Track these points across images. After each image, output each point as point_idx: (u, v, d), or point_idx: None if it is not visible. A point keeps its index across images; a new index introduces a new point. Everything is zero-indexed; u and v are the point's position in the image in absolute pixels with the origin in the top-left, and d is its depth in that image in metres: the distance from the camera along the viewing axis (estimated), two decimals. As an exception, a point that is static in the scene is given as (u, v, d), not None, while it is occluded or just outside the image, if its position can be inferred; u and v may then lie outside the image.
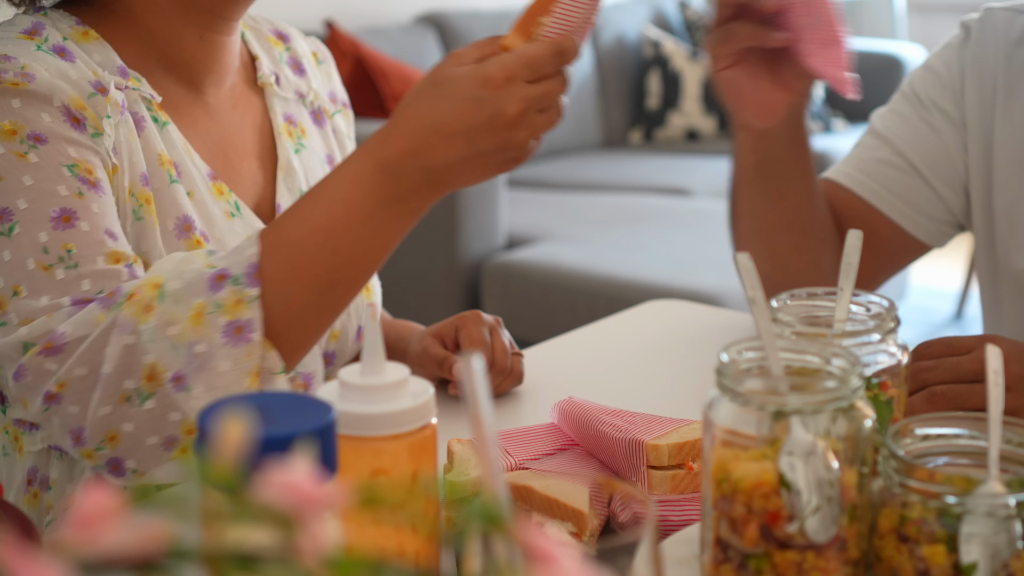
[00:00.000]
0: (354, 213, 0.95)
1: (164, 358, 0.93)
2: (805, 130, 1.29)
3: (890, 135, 1.38)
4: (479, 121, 0.92)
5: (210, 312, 0.93)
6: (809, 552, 0.71)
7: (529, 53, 0.93)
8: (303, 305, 0.96)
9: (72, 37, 1.07)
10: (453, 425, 0.99)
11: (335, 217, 0.95)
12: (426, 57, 3.75)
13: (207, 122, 1.14)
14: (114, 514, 0.40)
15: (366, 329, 0.72)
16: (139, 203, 1.04)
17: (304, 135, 1.22)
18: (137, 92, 1.08)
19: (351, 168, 0.96)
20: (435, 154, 0.93)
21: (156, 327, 0.93)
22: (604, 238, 3.13)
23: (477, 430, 0.57)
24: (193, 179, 1.09)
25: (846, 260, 0.89)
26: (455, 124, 0.92)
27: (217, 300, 0.94)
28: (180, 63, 1.12)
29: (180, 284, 0.94)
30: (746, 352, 0.75)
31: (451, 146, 0.92)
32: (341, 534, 0.55)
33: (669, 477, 0.90)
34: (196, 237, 1.07)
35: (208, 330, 0.93)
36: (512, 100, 0.92)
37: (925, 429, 0.76)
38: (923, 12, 5.34)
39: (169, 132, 1.10)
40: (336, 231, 0.95)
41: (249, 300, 0.94)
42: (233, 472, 0.43)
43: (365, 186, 0.95)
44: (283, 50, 1.25)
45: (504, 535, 0.45)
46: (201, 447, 0.62)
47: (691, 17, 4.66)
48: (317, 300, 0.96)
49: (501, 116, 0.92)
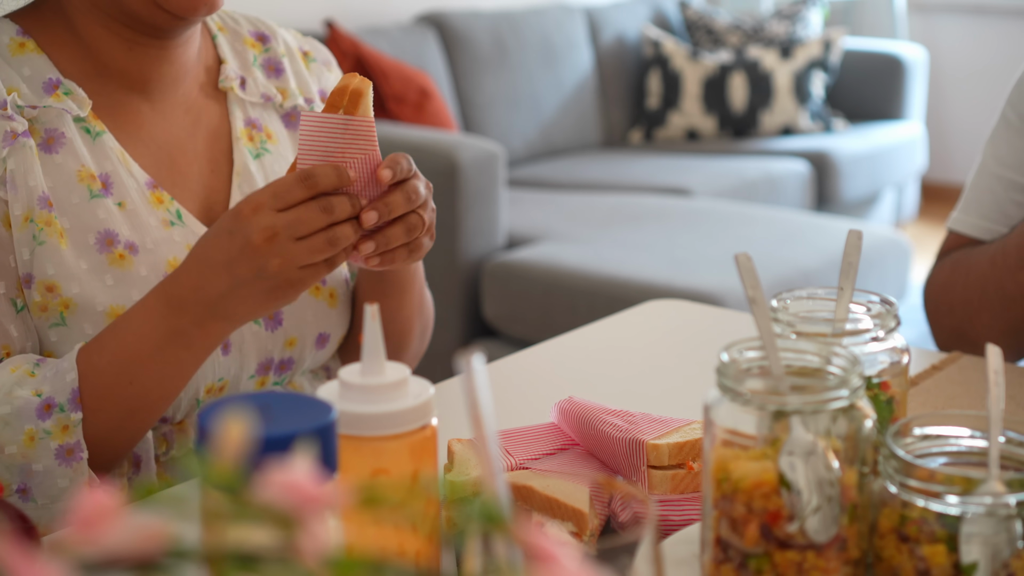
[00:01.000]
0: (145, 346, 1.01)
1: (3, 475, 1.01)
2: None
3: (1006, 171, 1.34)
4: (233, 252, 0.96)
5: (41, 438, 1.00)
6: (809, 552, 0.71)
7: (275, 183, 0.97)
8: (111, 429, 1.03)
9: (8, 49, 1.08)
10: (453, 425, 0.99)
11: (130, 349, 1.01)
12: (426, 57, 3.75)
13: (152, 127, 1.14)
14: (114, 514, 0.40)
15: (366, 329, 0.72)
16: (39, 227, 1.05)
17: (270, 139, 1.21)
18: (60, 108, 1.07)
19: (146, 301, 1.02)
20: (209, 287, 0.98)
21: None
22: (604, 238, 3.13)
23: (477, 430, 0.57)
24: (126, 189, 1.10)
25: (846, 260, 0.89)
26: (216, 256, 0.98)
27: (46, 427, 1.00)
28: (116, 71, 1.12)
29: (9, 410, 1.00)
30: (746, 352, 0.75)
31: (217, 278, 0.98)
32: (341, 534, 0.55)
33: (669, 477, 0.90)
34: (119, 251, 1.07)
35: (41, 453, 1.00)
36: (256, 229, 0.95)
37: (925, 429, 0.76)
38: (923, 12, 5.34)
39: (104, 141, 1.10)
40: (131, 363, 1.01)
41: (74, 424, 1.01)
42: (233, 472, 0.43)
43: (154, 320, 1.00)
44: (259, 52, 1.23)
45: (504, 535, 0.45)
46: (201, 447, 0.62)
47: (691, 17, 4.66)
48: (122, 424, 1.03)
49: (248, 245, 0.96)
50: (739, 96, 4.31)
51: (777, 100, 4.30)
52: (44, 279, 1.05)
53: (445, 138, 3.05)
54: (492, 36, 3.99)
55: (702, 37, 4.61)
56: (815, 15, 4.60)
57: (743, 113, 4.32)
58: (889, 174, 4.42)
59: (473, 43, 3.93)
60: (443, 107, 3.53)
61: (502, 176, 3.01)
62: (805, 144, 4.18)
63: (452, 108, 3.78)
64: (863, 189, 4.27)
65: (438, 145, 2.95)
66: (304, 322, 1.16)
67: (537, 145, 4.10)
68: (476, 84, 3.91)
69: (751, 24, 4.57)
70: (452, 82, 3.87)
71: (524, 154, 4.05)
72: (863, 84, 4.53)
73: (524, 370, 1.29)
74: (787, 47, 4.37)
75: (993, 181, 1.35)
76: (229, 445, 0.44)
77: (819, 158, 4.09)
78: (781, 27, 4.52)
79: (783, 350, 0.75)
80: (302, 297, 1.16)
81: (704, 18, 4.64)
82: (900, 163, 4.47)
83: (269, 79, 1.23)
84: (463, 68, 3.90)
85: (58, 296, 1.05)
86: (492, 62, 3.96)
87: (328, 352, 1.20)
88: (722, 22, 4.61)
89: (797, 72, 4.32)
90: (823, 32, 4.52)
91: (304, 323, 1.16)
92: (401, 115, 3.37)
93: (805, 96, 4.31)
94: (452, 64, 3.89)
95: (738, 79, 4.31)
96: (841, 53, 4.48)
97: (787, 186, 3.94)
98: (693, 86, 4.34)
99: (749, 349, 0.75)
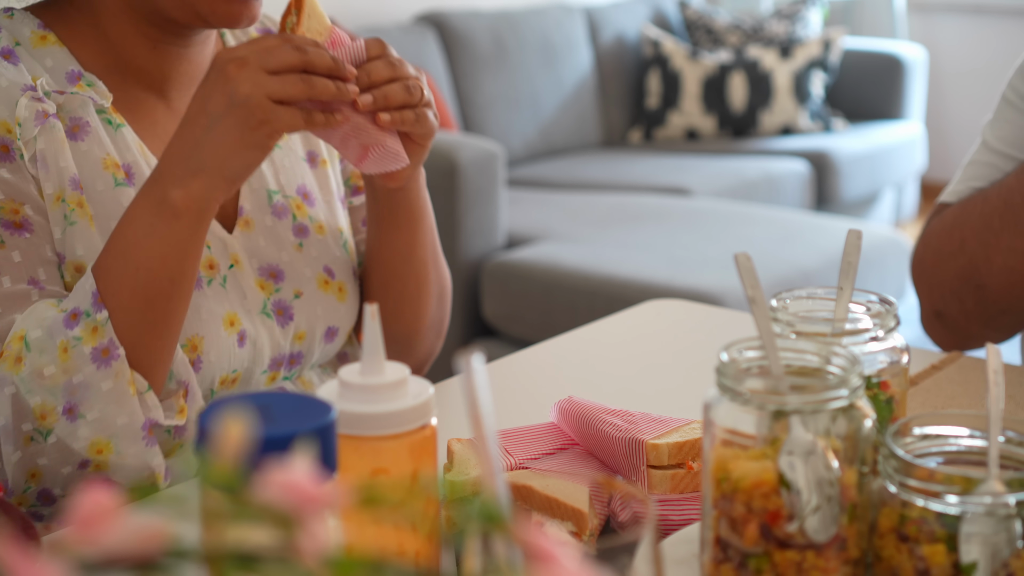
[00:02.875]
0: (137, 227, 1.00)
1: (47, 401, 1.00)
2: None
3: (1006, 147, 1.33)
4: (207, 89, 0.98)
5: (74, 346, 1.00)
6: (809, 551, 0.71)
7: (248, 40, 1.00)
8: (135, 325, 1.01)
9: (28, 41, 1.09)
10: (453, 424, 0.99)
11: (125, 236, 1.01)
12: (426, 57, 3.75)
13: (168, 124, 1.14)
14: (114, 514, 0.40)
15: (366, 329, 0.72)
16: (70, 207, 1.06)
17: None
18: (86, 96, 1.08)
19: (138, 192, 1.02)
20: (187, 141, 0.99)
21: (29, 376, 1.00)
22: (604, 238, 3.13)
23: (477, 429, 0.57)
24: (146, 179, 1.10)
25: (846, 259, 0.89)
26: (194, 106, 0.99)
27: (76, 334, 1.00)
28: (136, 69, 1.13)
29: (41, 332, 1.01)
30: (746, 352, 0.75)
31: (195, 125, 0.98)
32: (341, 534, 0.55)
33: (669, 476, 0.90)
34: None
35: (78, 362, 1.00)
36: (229, 60, 0.97)
37: (925, 428, 0.76)
38: (923, 11, 5.34)
39: (124, 134, 1.11)
40: (130, 250, 1.01)
41: (102, 323, 1.00)
42: (233, 472, 0.43)
43: (139, 199, 1.01)
44: None
45: (504, 535, 0.45)
46: (201, 447, 0.62)
47: (691, 17, 4.66)
48: (145, 318, 1.01)
49: (221, 75, 0.97)
50: (739, 96, 4.31)
51: (777, 100, 4.30)
52: (74, 259, 1.05)
53: (445, 138, 3.05)
54: (492, 36, 3.99)
55: (702, 37, 4.61)
56: (815, 15, 4.60)
57: (743, 113, 4.32)
58: (889, 174, 4.42)
59: (473, 43, 3.93)
60: (443, 107, 3.53)
61: (502, 176, 3.01)
62: (805, 144, 4.18)
63: (452, 108, 3.78)
64: (863, 189, 4.27)
65: (438, 145, 2.95)
66: (314, 316, 1.17)
67: (537, 145, 4.10)
68: (476, 84, 3.91)
69: (751, 24, 4.57)
70: (452, 82, 3.87)
71: (524, 154, 4.05)
72: (863, 84, 4.53)
73: (524, 370, 1.29)
74: (787, 47, 4.37)
75: (994, 156, 1.35)
76: (229, 445, 0.44)
77: (819, 158, 4.09)
78: (781, 27, 4.52)
79: (783, 350, 0.75)
80: (312, 291, 1.16)
81: (704, 18, 4.64)
82: (900, 163, 4.47)
83: None
84: (463, 68, 3.90)
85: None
86: (492, 62, 3.96)
87: (336, 346, 1.21)
88: (722, 22, 4.61)
89: (797, 72, 4.32)
90: (823, 32, 4.52)
91: (314, 317, 1.17)
92: (401, 115, 3.37)
93: (805, 96, 4.31)
94: (452, 64, 3.89)
95: (738, 79, 4.31)
96: (841, 53, 4.48)
97: (787, 186, 3.94)
98: (693, 86, 4.34)
99: (749, 349, 0.75)
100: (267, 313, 1.13)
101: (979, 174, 1.35)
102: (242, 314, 1.11)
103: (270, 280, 1.15)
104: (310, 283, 1.17)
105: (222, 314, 1.10)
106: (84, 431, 1.00)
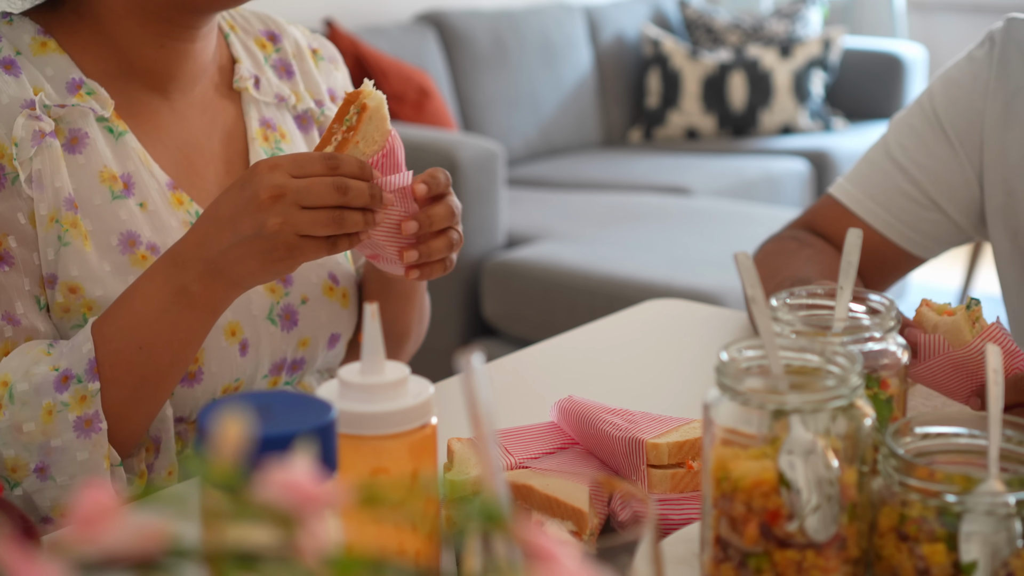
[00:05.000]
0: (150, 307, 1.00)
1: (21, 456, 1.00)
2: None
3: (906, 161, 1.34)
4: (240, 205, 0.97)
5: (59, 411, 1.00)
6: (809, 551, 0.71)
7: (300, 154, 0.98)
8: (124, 400, 1.02)
9: (30, 48, 1.08)
10: (453, 424, 0.99)
11: (136, 313, 1.01)
12: (426, 56, 3.75)
13: (171, 127, 1.14)
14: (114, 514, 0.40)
15: (366, 328, 0.73)
16: (64, 228, 1.05)
17: (284, 139, 1.21)
18: (86, 107, 1.07)
19: (154, 265, 1.02)
20: (212, 242, 0.98)
21: (8, 429, 0.99)
22: (604, 237, 3.13)
23: (477, 429, 0.57)
24: (148, 190, 1.10)
25: (846, 259, 0.89)
26: (224, 210, 0.98)
27: (64, 400, 1.00)
28: (142, 70, 1.12)
29: (27, 387, 1.00)
30: (746, 351, 0.75)
31: (222, 233, 0.97)
32: (341, 533, 0.55)
33: (669, 476, 0.90)
34: (141, 252, 1.08)
35: (60, 427, 1.00)
36: (265, 185, 0.95)
37: (925, 428, 0.76)
38: (923, 11, 5.34)
39: (126, 142, 1.10)
40: (139, 327, 1.00)
41: (92, 394, 1.00)
42: (233, 471, 0.43)
43: (158, 279, 1.00)
44: (271, 52, 1.24)
45: (504, 534, 0.45)
46: (201, 447, 0.62)
47: (691, 16, 4.66)
48: (134, 394, 1.02)
49: (255, 199, 0.96)
50: (739, 95, 4.31)
51: (777, 99, 4.30)
52: (68, 280, 1.05)
53: (445, 137, 3.05)
54: (492, 35, 3.99)
55: (702, 36, 4.61)
56: (815, 14, 4.59)
57: (743, 112, 4.32)
58: (889, 173, 4.41)
59: (473, 42, 3.93)
60: (443, 106, 3.53)
61: (502, 175, 3.01)
62: (805, 143, 4.18)
63: (452, 107, 3.78)
64: (863, 188, 4.26)
65: (438, 144, 2.95)
66: (318, 323, 1.17)
67: (537, 144, 4.10)
68: (476, 83, 3.91)
69: (751, 23, 4.57)
70: (452, 81, 3.87)
71: (524, 153, 4.05)
72: (863, 83, 4.53)
73: (524, 369, 1.29)
74: (787, 46, 4.37)
75: (891, 165, 1.35)
76: (229, 444, 0.44)
77: (819, 157, 4.09)
78: (781, 26, 4.52)
79: (782, 349, 0.75)
80: (317, 297, 1.16)
81: (704, 17, 4.64)
82: (900, 162, 4.46)
83: (281, 80, 1.23)
84: (463, 67, 3.90)
85: (81, 297, 1.05)
86: (492, 61, 3.96)
87: (338, 352, 1.21)
88: (722, 21, 4.61)
89: (797, 71, 4.32)
90: (823, 31, 4.52)
91: (318, 324, 1.17)
92: (400, 114, 3.37)
93: (805, 95, 4.31)
94: (452, 63, 3.89)
95: (738, 78, 4.31)
96: (841, 52, 4.48)
97: (787, 185, 3.94)
98: (693, 85, 4.34)
99: (748, 348, 0.75)
100: (272, 319, 1.13)
101: (875, 182, 1.35)
102: (245, 322, 1.11)
103: (280, 283, 1.15)
104: (316, 289, 1.17)
105: (223, 325, 1.10)
106: (52, 492, 1.01)
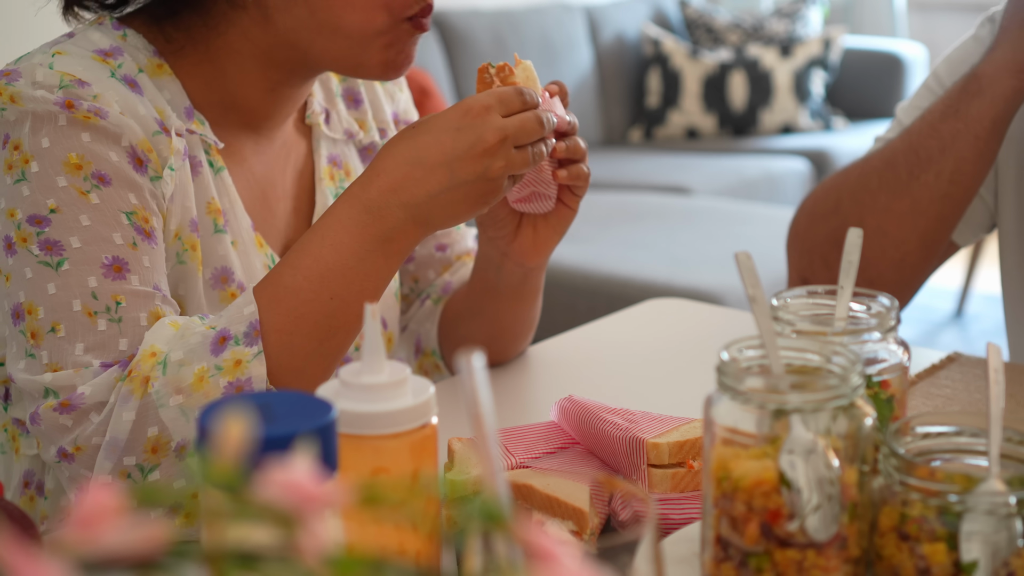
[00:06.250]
0: (344, 256, 0.97)
1: (173, 425, 0.94)
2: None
3: None
4: (460, 149, 0.95)
5: (211, 375, 0.95)
6: (810, 550, 0.71)
7: (498, 91, 0.98)
8: (308, 354, 0.98)
9: (146, 69, 1.05)
10: (453, 423, 0.99)
11: (327, 262, 0.97)
12: (426, 56, 3.75)
13: (255, 164, 1.12)
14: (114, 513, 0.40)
15: (366, 328, 0.72)
16: (184, 247, 1.04)
17: (348, 177, 1.20)
18: (199, 136, 1.06)
19: (337, 212, 0.98)
20: (417, 187, 0.96)
21: (162, 394, 0.94)
22: (604, 236, 3.13)
23: (478, 428, 0.57)
24: (240, 228, 1.09)
25: (846, 258, 0.89)
26: (436, 155, 0.95)
27: (218, 363, 0.95)
28: (245, 108, 1.10)
29: (183, 353, 0.95)
30: (746, 350, 0.75)
31: (433, 177, 0.96)
32: (342, 533, 0.55)
33: (670, 475, 0.90)
34: (232, 289, 1.06)
35: (212, 392, 0.94)
36: (491, 128, 0.95)
37: (925, 427, 0.76)
38: (923, 10, 5.34)
39: (223, 178, 1.08)
40: (329, 276, 0.97)
41: (248, 359, 0.95)
42: (234, 471, 0.43)
43: (352, 228, 0.97)
44: (340, 80, 1.23)
45: (505, 534, 0.45)
46: (202, 446, 0.62)
47: (691, 15, 4.66)
48: (320, 347, 0.98)
49: (481, 142, 0.95)
50: (739, 95, 4.31)
51: (777, 98, 4.30)
52: (173, 296, 1.04)
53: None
54: (492, 35, 3.99)
55: (702, 36, 4.61)
56: (815, 13, 4.60)
57: (743, 112, 4.32)
58: (889, 172, 4.42)
59: (473, 41, 3.93)
60: (442, 105, 3.53)
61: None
62: (805, 142, 4.18)
63: (452, 107, 3.78)
64: (863, 187, 4.26)
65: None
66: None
67: (537, 144, 4.11)
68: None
69: (751, 22, 4.57)
70: (452, 81, 3.87)
71: (524, 153, 4.05)
72: (863, 82, 4.53)
73: (524, 369, 1.29)
74: (787, 45, 4.37)
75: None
76: (229, 444, 0.44)
77: (819, 156, 4.09)
78: (781, 25, 4.52)
79: (783, 349, 0.75)
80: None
81: (704, 16, 4.64)
82: (900, 161, 4.47)
83: (349, 111, 1.22)
84: (463, 67, 3.90)
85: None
86: (492, 61, 3.96)
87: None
88: (722, 20, 4.61)
89: (797, 70, 4.32)
90: (823, 30, 4.52)
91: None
92: (401, 114, 3.38)
93: (805, 94, 4.31)
94: (452, 63, 3.89)
95: (738, 78, 4.31)
96: (841, 51, 4.48)
97: (787, 185, 3.94)
98: (693, 85, 4.34)
99: (749, 348, 0.75)
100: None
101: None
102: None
103: None
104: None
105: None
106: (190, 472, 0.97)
